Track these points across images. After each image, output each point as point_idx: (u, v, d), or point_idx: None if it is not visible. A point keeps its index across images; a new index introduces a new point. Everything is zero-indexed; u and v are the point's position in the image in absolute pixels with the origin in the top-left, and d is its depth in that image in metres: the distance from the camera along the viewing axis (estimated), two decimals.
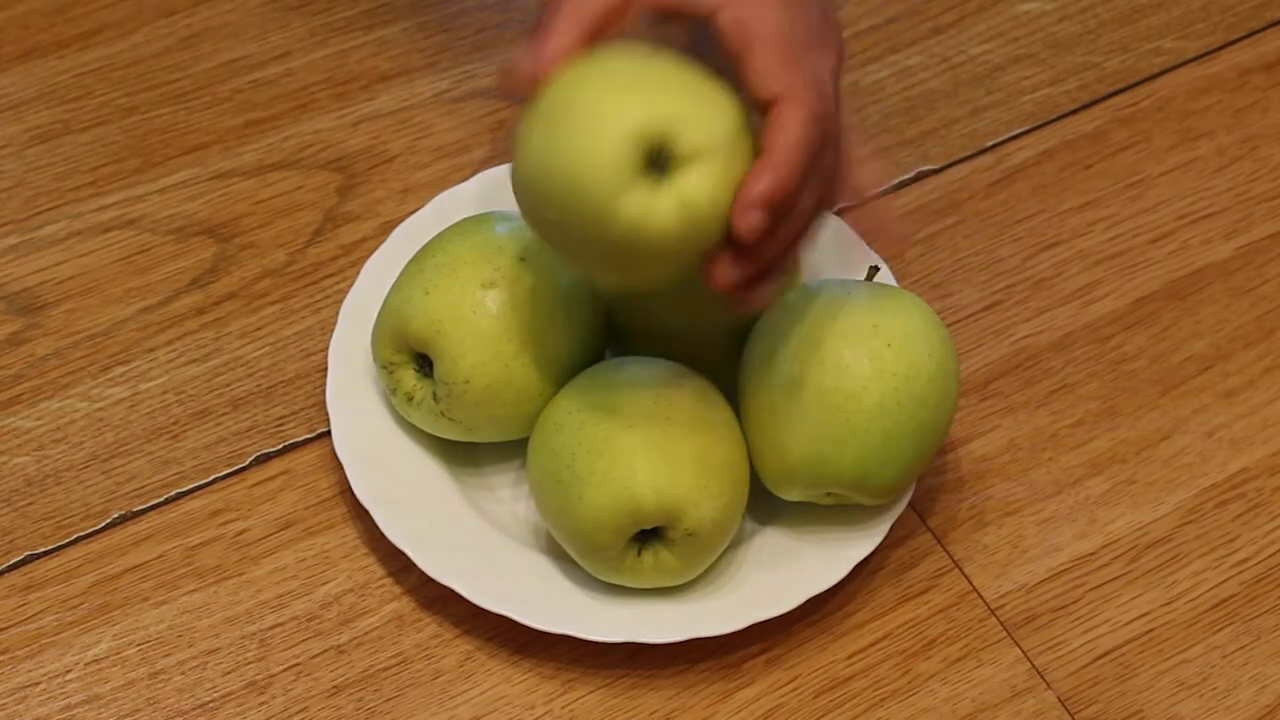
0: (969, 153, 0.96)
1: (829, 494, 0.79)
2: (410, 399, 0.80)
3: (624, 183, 0.68)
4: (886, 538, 0.80)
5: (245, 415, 0.85)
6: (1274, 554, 0.84)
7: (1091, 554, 0.83)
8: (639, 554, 0.77)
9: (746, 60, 0.70)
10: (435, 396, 0.79)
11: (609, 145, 0.68)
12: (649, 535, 0.77)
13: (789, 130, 0.69)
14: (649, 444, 0.75)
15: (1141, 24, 1.01)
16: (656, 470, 0.75)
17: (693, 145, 0.69)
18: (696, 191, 0.69)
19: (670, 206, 0.69)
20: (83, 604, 0.79)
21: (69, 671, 0.78)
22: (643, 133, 0.68)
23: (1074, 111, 0.98)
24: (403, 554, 0.79)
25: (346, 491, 0.81)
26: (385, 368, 0.80)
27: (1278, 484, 0.86)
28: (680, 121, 0.69)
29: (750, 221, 0.69)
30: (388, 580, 0.81)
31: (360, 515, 0.81)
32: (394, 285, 0.81)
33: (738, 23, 0.70)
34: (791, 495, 0.79)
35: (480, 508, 0.81)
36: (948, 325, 0.85)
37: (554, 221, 0.70)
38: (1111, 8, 1.02)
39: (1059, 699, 0.80)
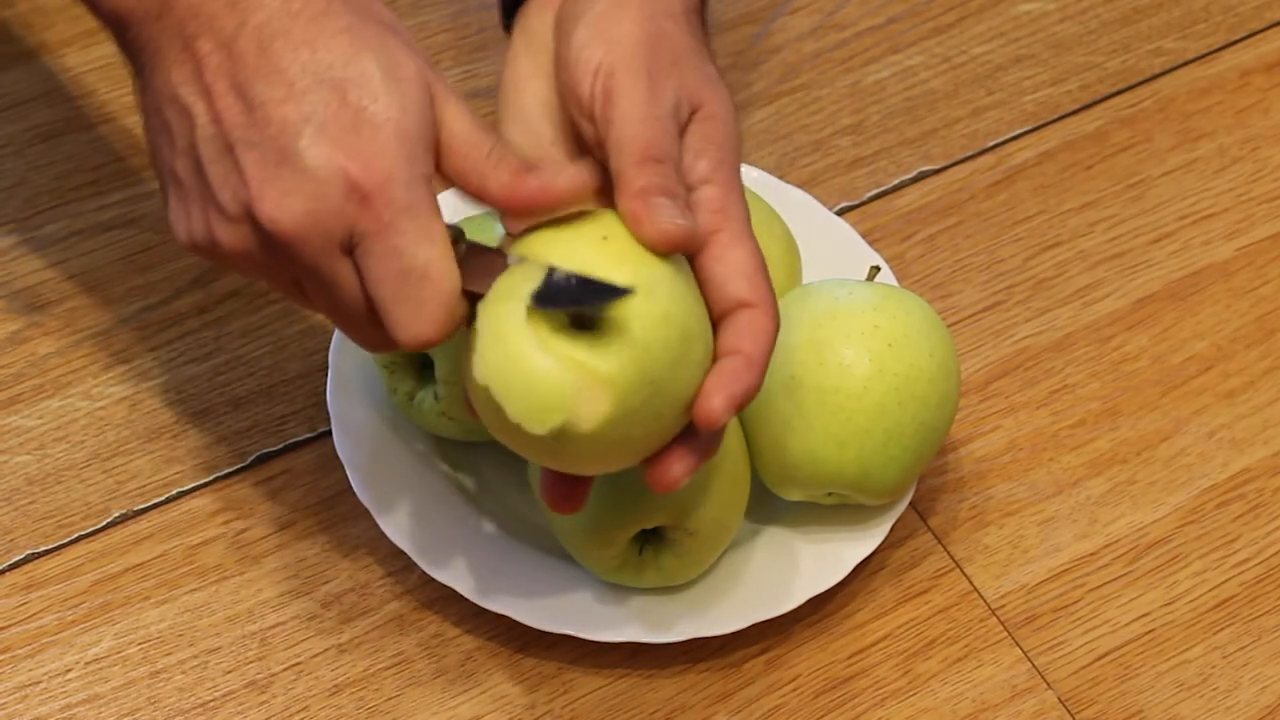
0: (970, 153, 0.96)
1: (830, 494, 0.79)
2: (411, 399, 0.80)
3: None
4: (887, 538, 0.80)
5: (246, 414, 0.85)
6: (1274, 554, 0.84)
7: (1092, 554, 0.84)
8: (639, 554, 0.77)
9: (725, 251, 0.68)
10: (436, 396, 0.79)
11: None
12: (649, 535, 0.77)
13: (761, 338, 0.68)
14: None
15: (1143, 24, 1.01)
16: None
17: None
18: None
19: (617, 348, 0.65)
20: (84, 603, 0.80)
21: (70, 670, 0.78)
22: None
23: (1075, 112, 0.98)
24: (403, 553, 0.79)
25: (347, 491, 0.81)
26: (386, 367, 0.80)
27: (1278, 485, 0.86)
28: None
29: (716, 410, 0.66)
30: (388, 580, 0.81)
31: (361, 514, 0.81)
32: None
33: (723, 210, 0.69)
34: (792, 495, 0.80)
35: (480, 508, 0.81)
36: (949, 325, 0.85)
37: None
38: (1113, 8, 1.02)
39: (1059, 699, 0.80)
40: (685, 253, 0.68)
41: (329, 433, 0.83)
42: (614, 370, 0.65)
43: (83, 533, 0.81)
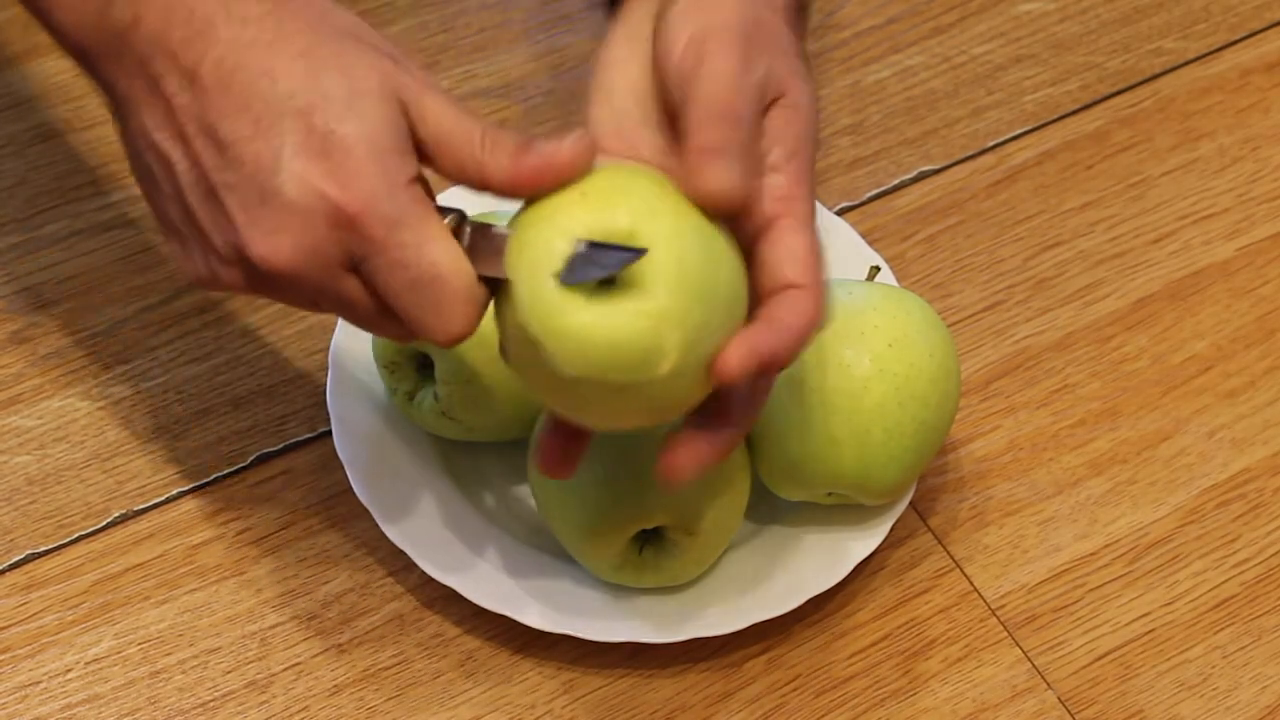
0: (970, 153, 0.96)
1: (830, 494, 0.79)
2: (410, 399, 0.80)
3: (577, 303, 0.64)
4: (887, 537, 0.80)
5: (246, 414, 0.85)
6: (1275, 554, 0.84)
7: (1092, 554, 0.84)
8: (639, 554, 0.77)
9: (782, 236, 0.68)
10: (435, 396, 0.79)
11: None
12: (649, 535, 0.77)
13: (802, 315, 0.67)
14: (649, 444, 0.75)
15: (1143, 24, 1.01)
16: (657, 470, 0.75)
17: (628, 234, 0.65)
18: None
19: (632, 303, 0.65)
20: (84, 603, 0.80)
21: (70, 670, 0.78)
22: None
23: (1075, 112, 0.98)
24: (403, 553, 0.79)
25: (347, 491, 0.81)
26: (386, 367, 0.80)
27: (1278, 485, 0.86)
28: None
29: (730, 364, 0.66)
30: (388, 580, 0.81)
31: (361, 515, 0.81)
32: None
33: (788, 198, 0.68)
34: (792, 495, 0.80)
35: (480, 508, 0.81)
36: (949, 325, 0.85)
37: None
38: (1113, 8, 1.02)
39: (1059, 699, 0.80)
40: (730, 216, 0.67)
41: (329, 433, 0.83)
42: (664, 301, 0.64)
43: (83, 533, 0.81)
